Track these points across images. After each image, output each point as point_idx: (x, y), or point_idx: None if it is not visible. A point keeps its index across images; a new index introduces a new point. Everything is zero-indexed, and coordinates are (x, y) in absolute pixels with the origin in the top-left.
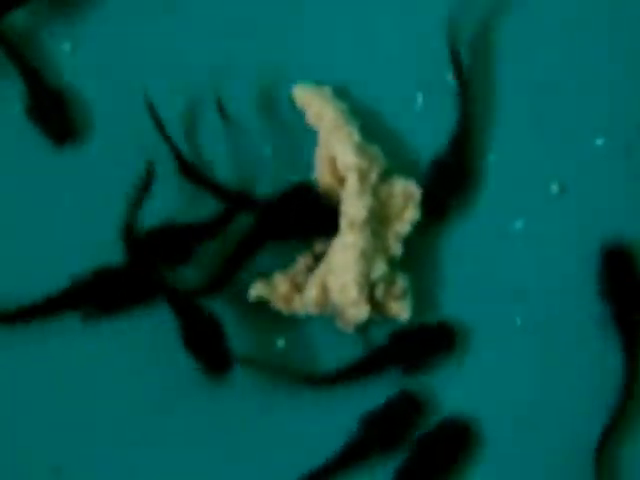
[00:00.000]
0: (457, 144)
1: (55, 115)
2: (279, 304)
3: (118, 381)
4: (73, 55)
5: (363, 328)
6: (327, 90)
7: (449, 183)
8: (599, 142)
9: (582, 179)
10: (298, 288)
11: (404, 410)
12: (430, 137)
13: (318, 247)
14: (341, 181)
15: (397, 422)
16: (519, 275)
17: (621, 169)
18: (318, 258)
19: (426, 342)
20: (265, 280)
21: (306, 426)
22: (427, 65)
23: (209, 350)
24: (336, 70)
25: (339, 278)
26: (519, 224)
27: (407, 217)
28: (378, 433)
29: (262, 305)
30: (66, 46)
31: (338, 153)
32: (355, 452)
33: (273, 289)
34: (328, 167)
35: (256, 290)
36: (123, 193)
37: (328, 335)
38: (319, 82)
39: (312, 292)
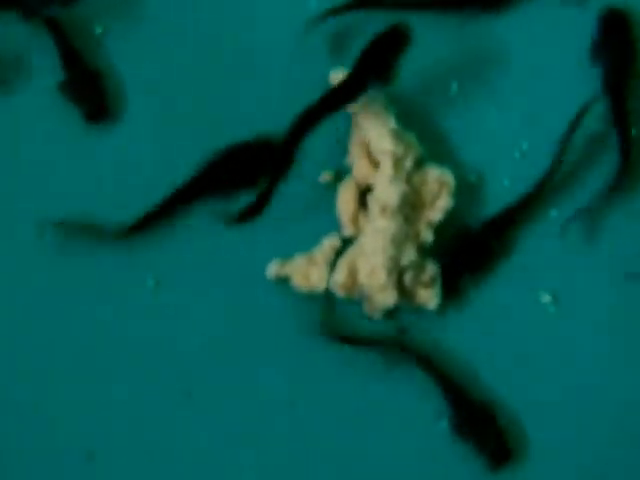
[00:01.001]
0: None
1: (90, 93)
2: (298, 281)
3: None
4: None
5: (390, 314)
6: None
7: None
8: None
9: None
10: (318, 267)
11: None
12: (464, 126)
13: (345, 232)
14: (375, 165)
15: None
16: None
17: None
18: (345, 242)
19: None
20: (283, 259)
21: None
22: (461, 54)
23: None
24: None
25: (368, 262)
26: (554, 213)
27: (440, 205)
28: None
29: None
30: (98, 29)
31: (373, 138)
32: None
33: (292, 267)
34: (362, 151)
35: (274, 269)
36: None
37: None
38: None
39: (340, 274)
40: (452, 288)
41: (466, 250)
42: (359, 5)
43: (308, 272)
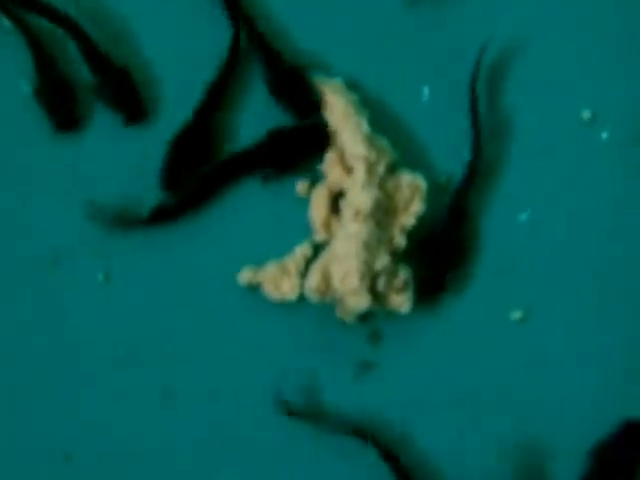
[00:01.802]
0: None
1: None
2: (269, 289)
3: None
4: None
5: (363, 318)
6: (338, 82)
7: (446, 259)
8: None
9: None
10: (289, 275)
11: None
12: (437, 131)
13: (318, 237)
14: (348, 171)
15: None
16: (526, 263)
17: None
18: (317, 248)
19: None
20: (255, 267)
21: None
22: (434, 58)
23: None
24: (347, 62)
25: (341, 266)
26: (524, 216)
27: (412, 210)
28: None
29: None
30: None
31: (347, 144)
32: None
33: (263, 274)
34: (336, 157)
35: (245, 276)
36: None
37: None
38: (330, 74)
39: (314, 279)
40: (431, 293)
41: (435, 252)
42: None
43: (279, 280)
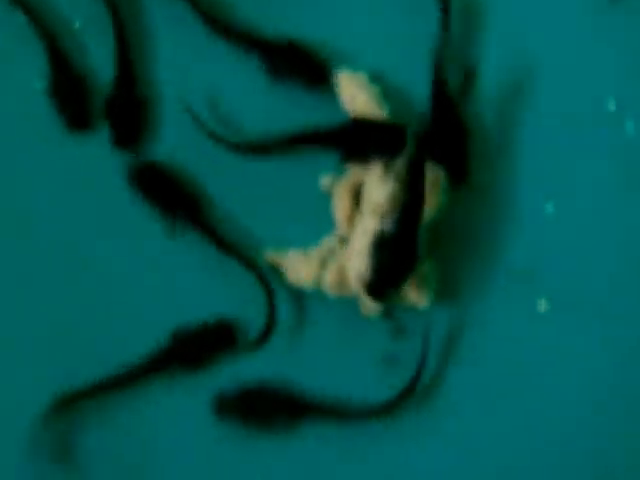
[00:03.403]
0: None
1: (70, 100)
2: (288, 272)
3: None
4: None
5: (387, 313)
6: (362, 76)
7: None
8: None
9: None
10: (310, 262)
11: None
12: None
13: (341, 232)
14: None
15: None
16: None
17: None
18: (342, 242)
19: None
20: (281, 251)
21: None
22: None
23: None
24: (371, 56)
25: (357, 262)
26: (549, 208)
27: (432, 204)
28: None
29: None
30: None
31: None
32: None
33: (286, 257)
34: None
35: (269, 257)
36: None
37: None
38: (355, 68)
39: (331, 274)
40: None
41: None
42: None
43: (300, 266)
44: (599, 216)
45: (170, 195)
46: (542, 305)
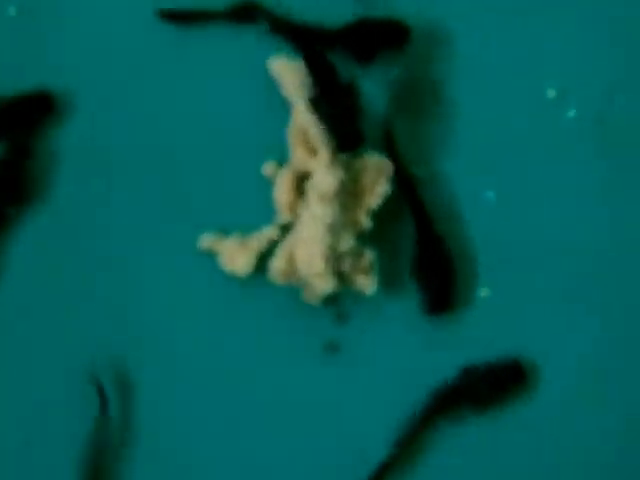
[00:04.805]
0: None
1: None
2: (224, 260)
3: None
4: None
5: (331, 300)
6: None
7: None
8: None
9: None
10: (247, 251)
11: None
12: (403, 112)
13: (282, 219)
14: (313, 153)
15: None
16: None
17: None
18: (283, 230)
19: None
20: (219, 236)
21: None
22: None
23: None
24: None
25: (306, 249)
26: (491, 194)
27: (378, 191)
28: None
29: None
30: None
31: (311, 125)
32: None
33: (222, 244)
34: (300, 139)
35: (206, 241)
36: None
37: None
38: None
39: (279, 262)
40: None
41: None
42: None
43: (236, 254)
44: (540, 203)
45: None
46: (483, 292)
